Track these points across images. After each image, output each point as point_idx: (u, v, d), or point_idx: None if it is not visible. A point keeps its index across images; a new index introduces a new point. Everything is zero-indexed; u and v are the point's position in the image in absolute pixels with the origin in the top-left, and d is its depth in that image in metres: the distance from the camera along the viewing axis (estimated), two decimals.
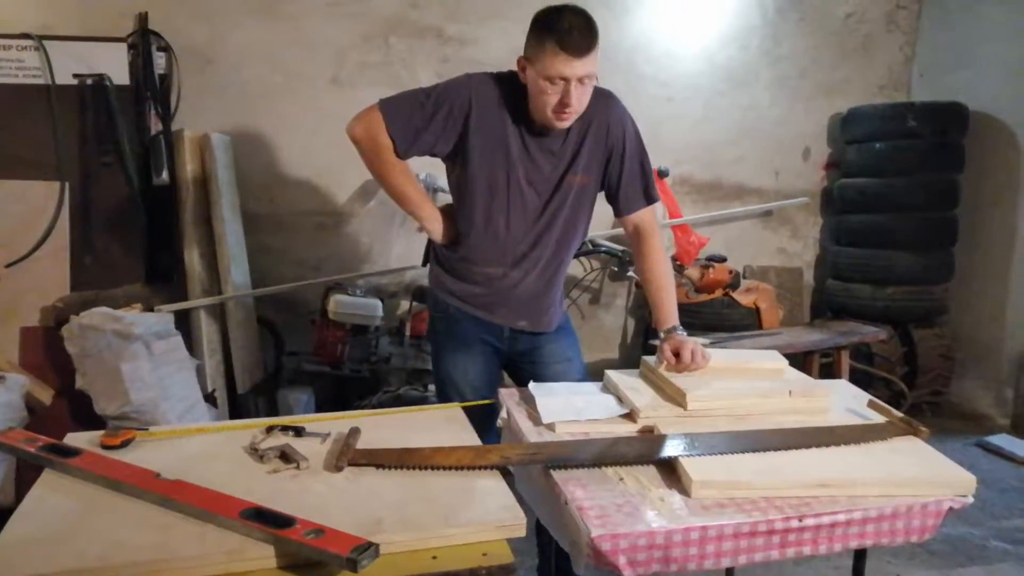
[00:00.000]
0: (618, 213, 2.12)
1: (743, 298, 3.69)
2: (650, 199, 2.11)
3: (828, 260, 4.36)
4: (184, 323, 3.18)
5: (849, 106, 4.21)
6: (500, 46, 3.80)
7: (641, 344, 4.07)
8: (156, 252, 3.24)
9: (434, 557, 1.22)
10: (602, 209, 3.90)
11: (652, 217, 2.13)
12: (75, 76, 3.10)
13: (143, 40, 3.19)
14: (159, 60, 3.25)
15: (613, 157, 2.02)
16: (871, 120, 4.04)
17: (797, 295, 4.35)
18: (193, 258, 3.21)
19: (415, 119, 1.90)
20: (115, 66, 3.13)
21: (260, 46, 3.50)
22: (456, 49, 3.76)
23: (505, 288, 2.07)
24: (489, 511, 1.31)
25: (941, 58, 4.30)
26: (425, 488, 1.39)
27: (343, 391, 3.32)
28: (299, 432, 1.64)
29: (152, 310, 3.00)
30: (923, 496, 1.43)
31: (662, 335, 2.05)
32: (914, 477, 1.46)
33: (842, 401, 1.87)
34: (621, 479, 1.47)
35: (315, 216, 3.72)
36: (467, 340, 2.12)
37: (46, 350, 2.93)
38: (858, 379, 3.81)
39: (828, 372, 3.59)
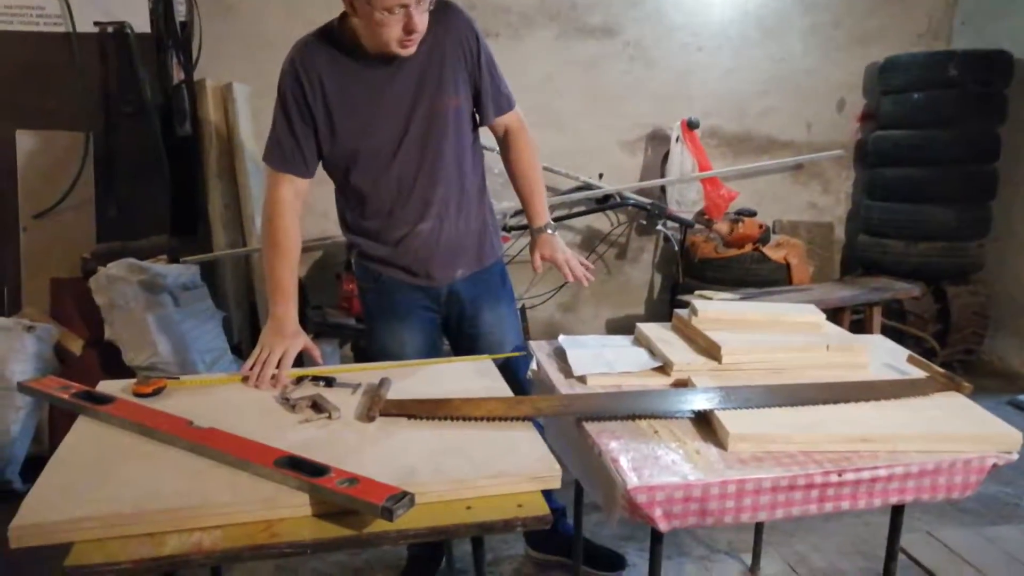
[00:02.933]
0: (481, 121, 1.99)
1: (773, 253, 3.62)
2: (504, 107, 1.99)
3: (860, 215, 4.26)
4: (209, 275, 3.18)
5: (886, 55, 4.07)
6: None
7: (668, 300, 4.03)
8: (180, 203, 3.22)
9: (469, 508, 1.21)
10: (627, 162, 3.93)
11: (518, 118, 2.04)
12: (96, 24, 3.06)
13: None
14: (180, 7, 3.19)
15: (472, 69, 1.89)
16: (909, 69, 3.91)
17: (827, 250, 4.27)
18: (217, 210, 3.19)
19: (292, 139, 1.83)
20: (136, 13, 3.08)
21: None
22: None
23: (427, 244, 1.96)
24: (523, 462, 1.30)
25: (984, 4, 4.12)
26: (458, 439, 1.38)
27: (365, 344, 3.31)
28: (329, 383, 1.64)
29: (177, 261, 2.99)
30: (966, 452, 1.39)
31: (533, 232, 2.03)
32: (957, 432, 1.42)
33: (880, 356, 1.83)
34: (656, 432, 1.44)
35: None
36: (401, 309, 2.03)
37: (75, 301, 2.94)
38: (889, 336, 3.75)
39: (859, 328, 3.53)
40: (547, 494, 1.35)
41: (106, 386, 1.62)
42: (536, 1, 3.72)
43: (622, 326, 4.15)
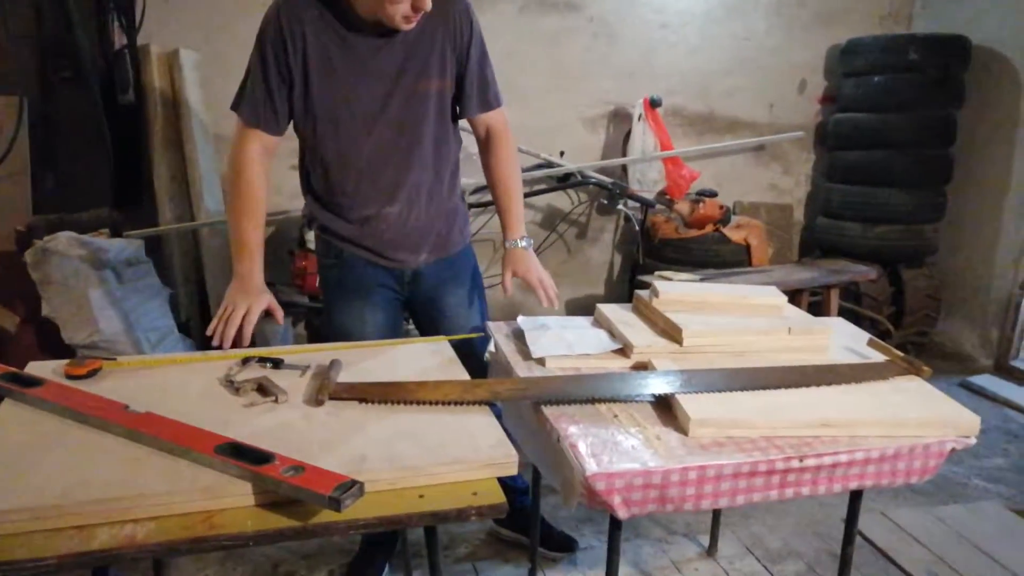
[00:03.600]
0: (462, 114, 1.92)
1: (734, 234, 3.61)
2: (494, 102, 1.93)
3: (819, 197, 4.28)
4: (155, 250, 3.05)
5: (848, 37, 4.07)
6: None
7: (628, 280, 4.00)
8: (123, 175, 3.07)
9: (421, 496, 1.16)
10: (588, 140, 3.87)
11: (503, 120, 1.97)
12: None
13: None
14: None
15: (459, 54, 1.82)
16: (871, 52, 3.91)
17: (787, 232, 4.28)
18: (163, 182, 3.06)
19: (266, 93, 1.74)
20: None
21: None
22: None
23: (393, 228, 1.88)
24: (479, 448, 1.25)
25: None
26: (411, 424, 1.33)
27: (321, 322, 3.22)
28: (277, 364, 1.57)
29: (120, 235, 2.86)
30: (926, 437, 1.38)
31: (507, 245, 1.98)
32: (917, 417, 1.41)
33: (841, 340, 1.82)
34: (615, 416, 1.41)
35: (293, 142, 3.55)
36: (363, 287, 1.94)
37: (10, 275, 2.79)
38: (846, 318, 3.79)
39: (817, 310, 3.53)
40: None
41: (36, 367, 1.52)
42: None
43: (582, 306, 4.12)
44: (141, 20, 3.12)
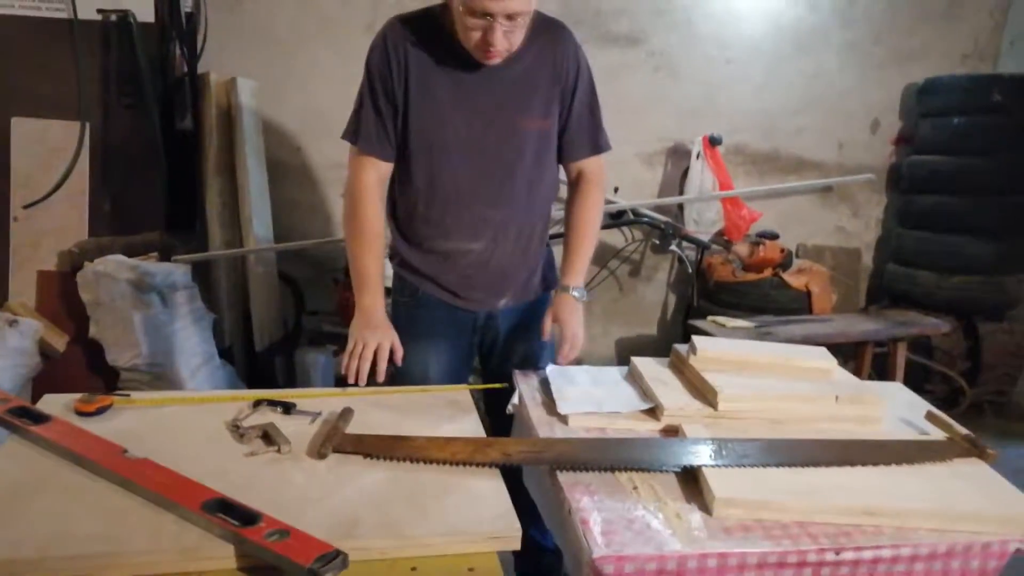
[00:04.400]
0: (560, 159, 1.86)
1: (794, 279, 3.44)
2: (597, 148, 1.87)
3: (891, 243, 4.06)
4: (203, 275, 3.08)
5: (927, 76, 3.86)
6: None
7: (682, 321, 3.86)
8: (177, 200, 3.12)
9: (413, 568, 1.09)
10: (644, 176, 3.77)
11: (599, 167, 1.90)
12: (99, 11, 2.97)
13: None
14: None
15: (564, 95, 1.77)
16: (951, 92, 3.70)
17: (853, 278, 4.07)
18: (214, 208, 3.10)
19: (378, 120, 1.73)
20: (140, 2, 2.98)
21: None
22: None
23: (475, 265, 1.83)
24: (482, 518, 1.17)
25: None
26: (413, 484, 1.25)
27: None
28: (288, 409, 1.52)
29: (169, 259, 2.90)
30: (985, 534, 1.23)
31: (559, 289, 1.85)
32: (977, 511, 1.26)
33: (896, 409, 1.66)
34: (635, 487, 1.30)
35: (344, 170, 3.57)
36: (433, 329, 1.88)
37: (62, 295, 2.86)
38: (915, 372, 3.58)
39: (882, 364, 3.34)
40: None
41: (50, 401, 1.52)
42: (558, 6, 3.57)
43: (633, 346, 3.99)
44: (202, 48, 3.20)
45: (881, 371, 3.41)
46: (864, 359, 3.22)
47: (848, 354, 3.66)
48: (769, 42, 3.82)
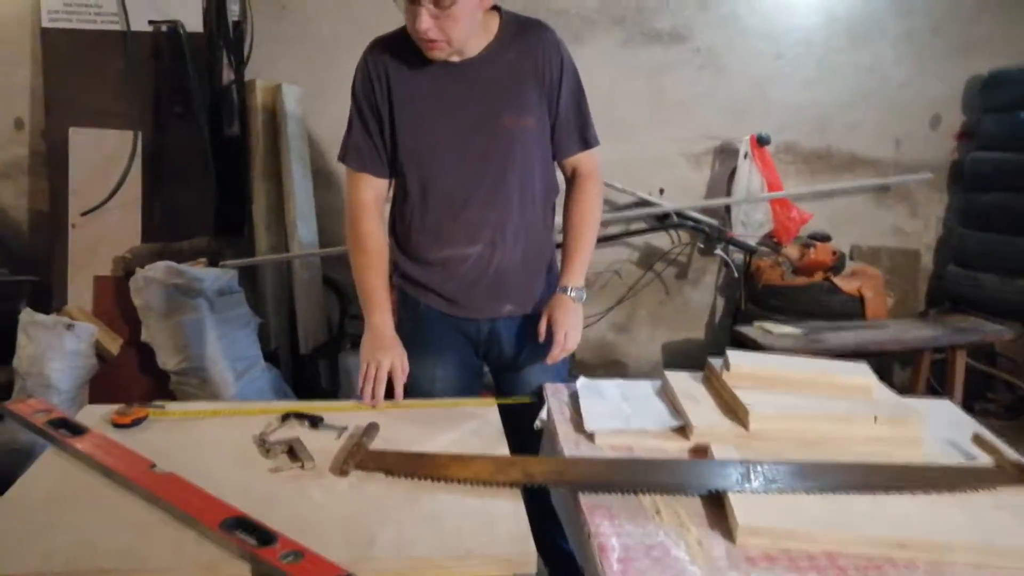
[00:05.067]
0: (559, 154, 1.85)
1: (846, 284, 3.33)
2: (586, 143, 1.84)
3: (952, 243, 3.89)
4: (249, 279, 3.14)
5: (991, 68, 3.68)
6: None
7: (730, 325, 3.78)
8: (225, 205, 3.20)
9: None
10: (690, 176, 3.69)
11: (593, 163, 1.87)
12: (150, 23, 3.06)
13: None
14: (233, 7, 3.16)
15: (550, 93, 1.75)
16: (1018, 85, 3.52)
17: (911, 281, 3.92)
18: (261, 213, 3.16)
19: (367, 138, 1.76)
20: (190, 12, 3.07)
21: None
22: None
23: (475, 270, 1.81)
24: (498, 540, 1.16)
25: None
26: (433, 504, 1.25)
27: None
28: (316, 423, 1.53)
29: (217, 264, 2.97)
30: None
31: (558, 289, 1.81)
32: (1021, 546, 1.19)
33: (941, 429, 1.58)
34: (658, 511, 1.27)
35: None
36: (437, 344, 1.87)
37: (117, 300, 2.96)
38: (976, 380, 3.43)
39: (941, 371, 3.21)
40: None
41: (89, 412, 1.57)
42: (599, 3, 3.52)
43: (680, 350, 3.93)
44: (248, 56, 3.26)
45: (940, 379, 3.27)
46: (921, 367, 3.10)
47: (905, 361, 3.54)
48: (821, 35, 3.69)
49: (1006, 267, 3.55)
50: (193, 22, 3.08)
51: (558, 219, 1.93)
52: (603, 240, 3.58)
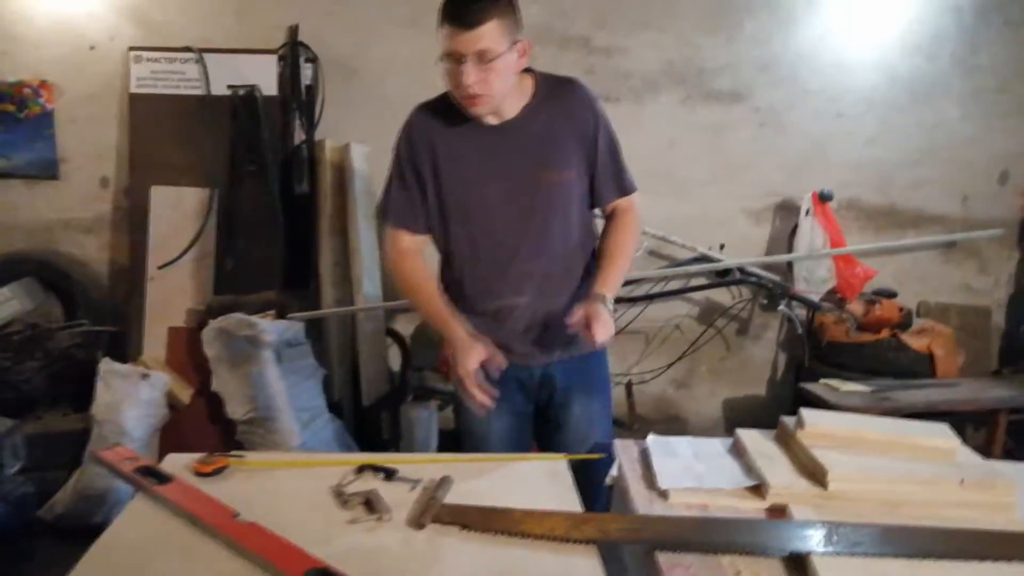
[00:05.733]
0: (598, 203, 1.92)
1: (914, 341, 3.25)
2: (623, 191, 1.90)
3: None
4: (315, 332, 3.22)
5: None
6: (650, 56, 3.59)
7: (792, 382, 3.70)
8: (293, 260, 3.30)
9: None
10: (751, 232, 3.68)
11: (630, 203, 1.93)
12: (228, 87, 3.22)
13: (292, 52, 3.26)
14: (306, 71, 3.31)
15: (587, 146, 1.83)
16: None
17: (984, 339, 3.80)
18: (327, 267, 3.24)
19: (405, 195, 1.86)
20: (265, 77, 3.23)
21: (403, 57, 3.48)
22: (602, 59, 3.58)
23: (524, 319, 1.87)
24: None
25: None
26: (508, 560, 1.25)
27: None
28: (390, 475, 1.55)
29: (285, 317, 3.05)
30: None
31: (589, 295, 1.79)
32: None
33: None
34: (738, 573, 1.25)
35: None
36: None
37: (189, 350, 3.05)
38: None
39: (1020, 433, 3.09)
40: None
41: (172, 461, 1.61)
42: (661, 65, 3.59)
43: (741, 406, 3.86)
44: (319, 117, 3.40)
45: (1018, 441, 3.15)
46: (998, 428, 2.99)
47: (979, 422, 3.41)
48: (881, 94, 3.68)
49: None
50: (268, 86, 3.23)
51: None
52: (663, 295, 3.58)
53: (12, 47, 3.42)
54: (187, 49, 3.24)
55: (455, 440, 2.05)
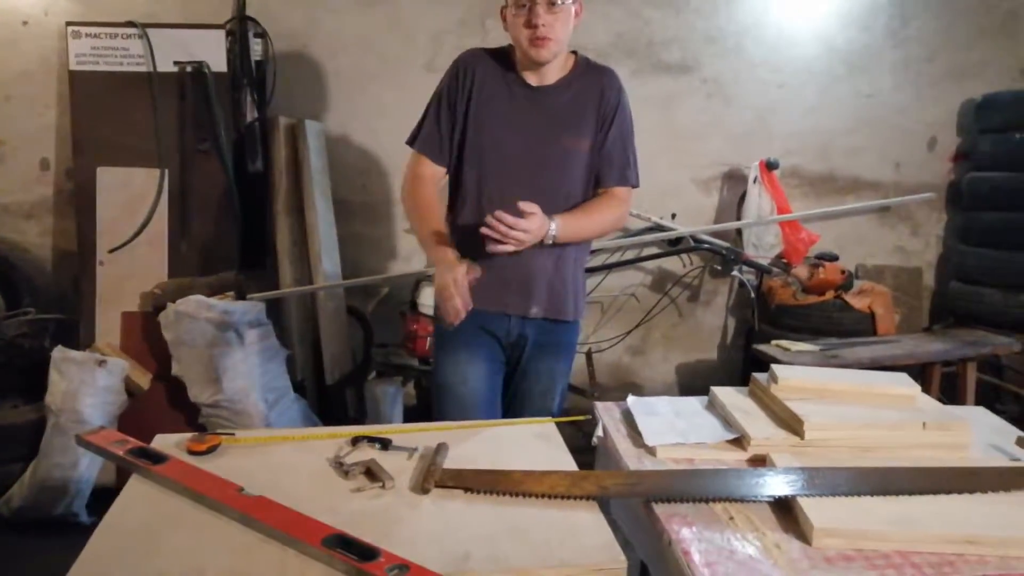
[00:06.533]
0: (600, 183, 2.02)
1: (856, 301, 3.42)
2: (624, 179, 2.02)
3: (953, 261, 4.01)
4: (275, 312, 3.18)
5: (984, 92, 3.84)
6: (601, 28, 3.63)
7: (743, 346, 3.85)
8: (249, 239, 3.25)
9: None
10: (701, 201, 3.80)
11: (625, 194, 2.04)
12: (175, 64, 3.13)
13: (240, 27, 3.17)
14: (256, 47, 3.23)
15: (602, 124, 1.97)
16: (1011, 107, 3.66)
17: (915, 298, 4.02)
18: (284, 246, 3.21)
19: (436, 127, 1.98)
20: (213, 53, 3.14)
21: (355, 31, 3.45)
22: None
23: (514, 266, 1.94)
24: (585, 550, 1.20)
25: None
26: (515, 518, 1.29)
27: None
28: (385, 445, 1.57)
29: (244, 298, 3.00)
30: None
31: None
32: None
33: (983, 435, 1.66)
34: (731, 519, 1.32)
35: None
36: (468, 341, 2.01)
37: (145, 335, 2.98)
38: (985, 393, 3.51)
39: (951, 385, 3.29)
40: None
41: (161, 441, 1.59)
42: (612, 38, 3.64)
43: (693, 371, 3.99)
44: (271, 94, 3.33)
45: (950, 392, 3.35)
46: (933, 381, 3.18)
47: (914, 375, 3.61)
48: (821, 64, 3.83)
49: (1008, 282, 3.65)
50: (217, 62, 3.15)
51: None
52: (618, 265, 3.66)
53: None
54: (130, 24, 3.11)
55: (420, 415, 2.12)
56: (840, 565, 1.20)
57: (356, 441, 1.58)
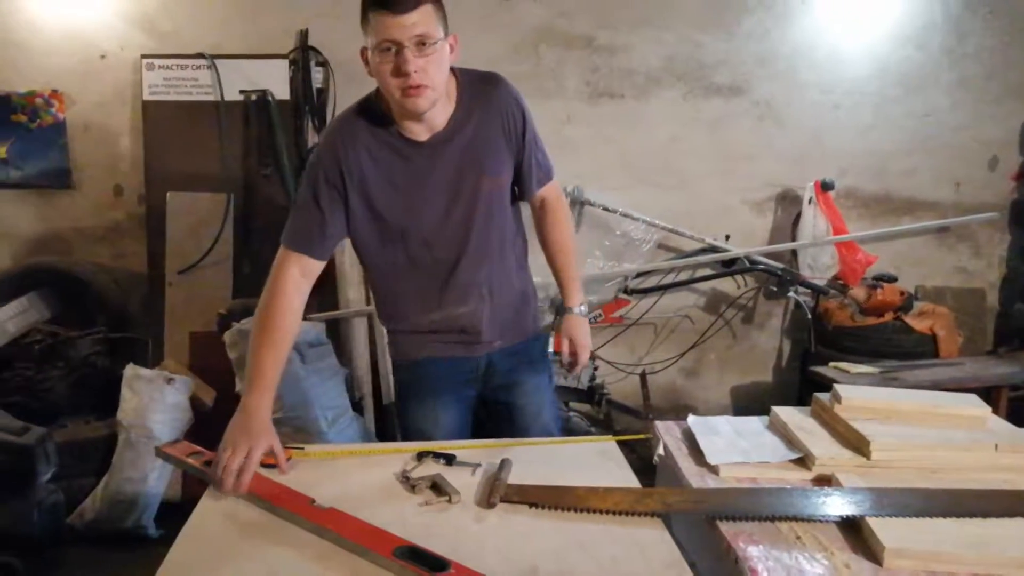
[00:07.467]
0: (523, 197, 1.91)
1: (917, 323, 3.35)
2: (549, 176, 1.92)
3: (1018, 281, 3.90)
4: (334, 331, 3.25)
5: None
6: (652, 54, 3.67)
7: (798, 368, 3.80)
8: None
9: None
10: (755, 223, 3.78)
11: (556, 190, 1.96)
12: (241, 92, 3.26)
13: (303, 56, 3.30)
14: (317, 75, 3.35)
15: (517, 145, 1.80)
16: None
17: (979, 320, 3.92)
18: (344, 267, 3.28)
19: (309, 218, 1.71)
20: (277, 81, 3.27)
21: None
22: (606, 58, 3.66)
23: (470, 323, 1.87)
24: (652, 567, 1.21)
25: None
26: (581, 534, 1.31)
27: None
28: (449, 460, 1.60)
29: (305, 319, 3.07)
30: None
31: (563, 310, 1.94)
32: None
33: None
34: (798, 538, 1.32)
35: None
36: (435, 387, 1.91)
37: (211, 354, 3.07)
38: None
39: (1019, 408, 3.20)
40: None
41: None
42: (663, 62, 3.68)
43: (748, 393, 3.95)
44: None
45: (1016, 418, 3.25)
46: (1000, 405, 3.09)
47: (981, 399, 3.52)
48: (874, 84, 3.79)
49: None
50: (280, 90, 3.27)
51: None
52: (672, 286, 3.66)
53: (22, 57, 3.44)
54: (200, 56, 3.27)
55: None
56: None
57: (421, 456, 1.62)
